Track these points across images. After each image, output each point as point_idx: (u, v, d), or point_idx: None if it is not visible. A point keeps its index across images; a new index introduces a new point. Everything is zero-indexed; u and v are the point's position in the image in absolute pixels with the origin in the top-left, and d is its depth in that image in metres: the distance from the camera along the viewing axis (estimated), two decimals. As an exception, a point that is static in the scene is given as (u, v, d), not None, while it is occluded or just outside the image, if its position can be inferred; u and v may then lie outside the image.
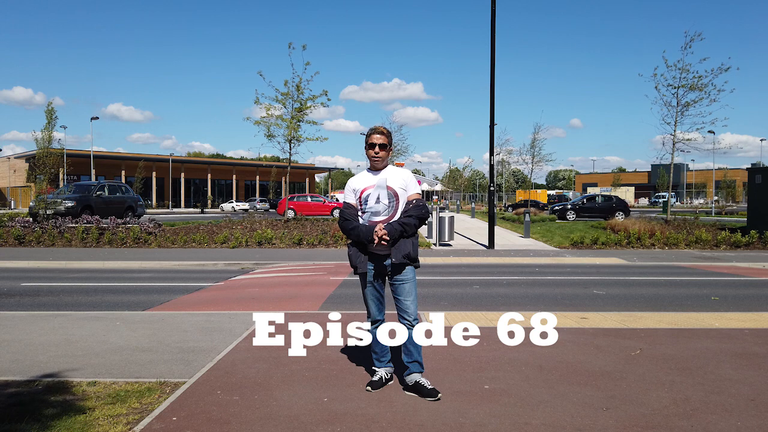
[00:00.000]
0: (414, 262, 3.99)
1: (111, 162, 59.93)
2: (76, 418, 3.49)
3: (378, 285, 4.05)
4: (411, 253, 3.93)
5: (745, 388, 4.10)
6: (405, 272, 3.98)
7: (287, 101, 20.54)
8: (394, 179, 3.99)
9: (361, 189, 4.01)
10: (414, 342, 3.92)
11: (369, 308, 4.10)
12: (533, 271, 11.87)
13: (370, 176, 4.04)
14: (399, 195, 3.97)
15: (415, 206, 3.95)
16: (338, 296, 8.49)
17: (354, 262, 4.02)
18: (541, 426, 3.40)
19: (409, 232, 3.90)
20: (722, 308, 7.55)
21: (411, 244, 3.94)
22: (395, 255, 3.90)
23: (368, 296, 4.06)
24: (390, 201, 3.94)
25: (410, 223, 3.89)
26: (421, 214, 3.94)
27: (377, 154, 3.99)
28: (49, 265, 12.71)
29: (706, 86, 20.05)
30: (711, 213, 41.14)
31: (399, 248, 3.90)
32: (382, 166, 4.04)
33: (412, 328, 3.92)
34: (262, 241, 16.77)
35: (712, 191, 63.38)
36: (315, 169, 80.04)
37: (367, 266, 3.99)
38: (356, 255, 4.01)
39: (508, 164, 48.98)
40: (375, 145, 3.99)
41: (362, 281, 4.08)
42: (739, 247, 16.46)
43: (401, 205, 3.97)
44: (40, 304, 7.90)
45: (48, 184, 20.10)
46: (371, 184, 3.98)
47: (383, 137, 4.01)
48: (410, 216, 3.91)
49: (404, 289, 3.97)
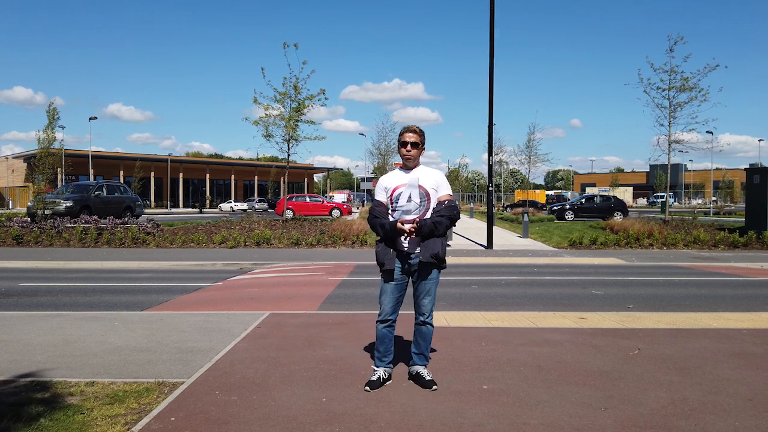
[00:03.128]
0: (441, 263, 4.01)
1: (109, 162, 59.86)
2: (74, 418, 3.49)
3: (401, 284, 4.07)
4: (440, 253, 3.95)
5: (743, 388, 4.11)
6: (432, 273, 4.02)
7: (285, 101, 20.55)
8: (426, 179, 4.01)
9: (393, 187, 4.02)
10: (426, 337, 4.13)
11: (384, 306, 4.08)
12: (532, 271, 11.88)
13: (402, 175, 4.06)
14: (430, 195, 3.99)
15: (447, 207, 3.98)
16: (337, 296, 8.48)
17: (381, 258, 4.02)
18: (539, 426, 3.40)
19: (440, 231, 3.93)
20: (720, 308, 7.55)
21: (440, 244, 3.96)
22: (423, 254, 3.92)
23: (388, 294, 4.05)
24: (421, 200, 3.96)
25: (442, 222, 3.92)
26: (453, 215, 3.97)
27: (409, 152, 4.00)
28: (47, 265, 12.68)
29: (694, 87, 20.15)
30: (709, 213, 41.21)
31: (428, 247, 3.92)
32: (414, 165, 4.06)
33: (425, 325, 4.10)
34: (261, 241, 16.76)
35: (711, 191, 63.50)
36: (313, 169, 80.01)
37: (395, 263, 3.99)
38: (384, 251, 4.02)
39: (506, 164, 49.04)
40: (407, 143, 4.01)
41: (385, 278, 4.07)
42: (737, 247, 16.48)
43: (432, 204, 3.99)
44: (39, 304, 7.88)
45: (46, 184, 20.07)
46: (403, 183, 4.00)
47: (415, 135, 4.02)
48: (442, 216, 3.93)
49: (426, 287, 4.04)
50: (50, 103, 19.03)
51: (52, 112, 18.80)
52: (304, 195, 41.94)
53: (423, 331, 4.11)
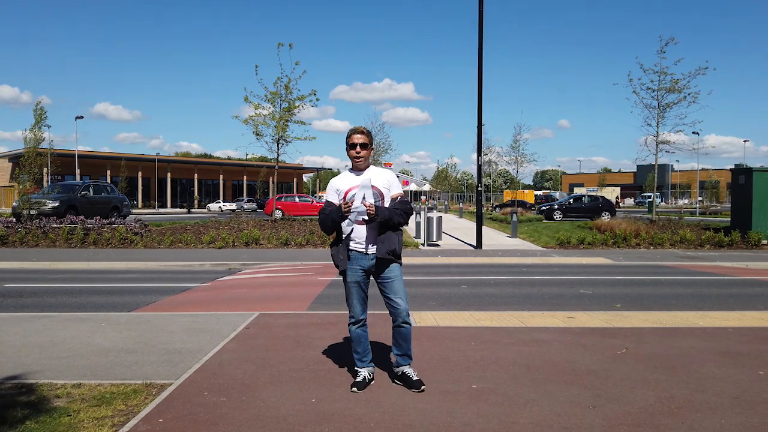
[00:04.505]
0: (398, 259, 4.02)
1: (96, 162, 59.26)
2: (61, 420, 3.45)
3: (363, 284, 4.06)
4: (396, 249, 3.96)
5: (729, 386, 4.15)
6: (391, 269, 4.00)
7: (276, 100, 20.48)
8: (378, 179, 4.01)
9: (346, 189, 4.00)
10: (406, 338, 4.06)
11: (352, 307, 4.10)
12: (520, 270, 11.93)
13: (353, 176, 4.04)
14: (384, 194, 3.99)
15: (401, 201, 4.00)
16: (326, 296, 8.47)
17: (336, 260, 4.03)
18: (528, 425, 3.42)
19: (396, 219, 3.91)
20: (706, 307, 7.63)
21: (396, 239, 3.98)
22: (380, 250, 3.92)
23: (353, 295, 4.07)
24: (375, 200, 3.95)
25: (398, 212, 3.91)
26: (407, 208, 3.98)
27: (359, 153, 3.99)
28: (32, 266, 12.54)
29: (684, 89, 20.36)
30: (695, 213, 41.65)
31: (384, 243, 3.92)
32: (365, 166, 4.06)
33: (404, 326, 4.03)
34: (250, 241, 16.69)
35: (697, 192, 64.07)
36: (303, 169, 79.80)
37: (352, 264, 3.99)
38: (338, 252, 4.02)
39: (496, 165, 49.21)
40: (356, 144, 3.99)
41: (345, 280, 4.08)
42: (722, 246, 16.66)
43: (386, 203, 4.00)
44: (24, 305, 7.79)
45: (32, 184, 19.85)
46: (356, 185, 3.98)
47: (364, 137, 4.01)
48: (397, 209, 3.94)
49: (393, 286, 4.00)
50: (37, 102, 18.85)
51: (40, 112, 18.62)
52: (293, 195, 41.82)
53: (402, 332, 4.04)
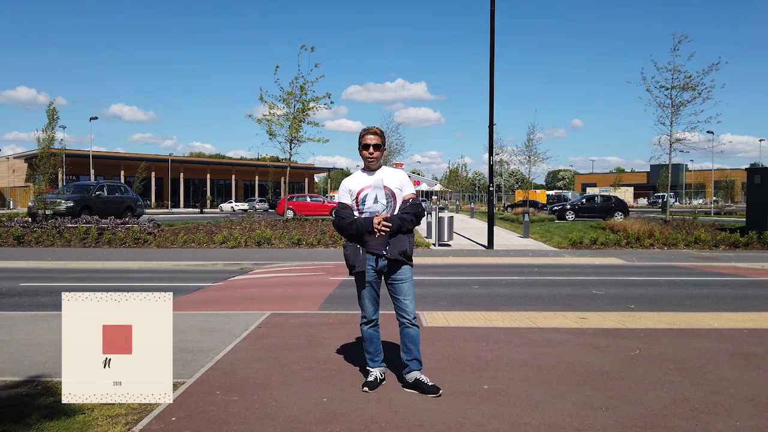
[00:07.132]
0: (409, 260, 4.02)
1: (110, 162, 59.83)
2: (75, 418, 3.49)
3: (375, 284, 4.06)
4: (407, 250, 3.96)
5: (744, 388, 4.10)
6: (402, 271, 3.99)
7: (291, 101, 20.55)
8: (390, 179, 4.01)
9: (358, 190, 4.00)
10: (414, 340, 4.01)
11: (365, 308, 4.09)
12: (532, 271, 11.87)
13: (365, 177, 4.05)
14: (396, 195, 3.99)
15: (412, 204, 3.99)
16: (337, 296, 8.48)
17: (351, 261, 4.01)
18: (540, 426, 3.40)
19: (407, 226, 3.92)
20: (721, 308, 7.55)
21: (407, 241, 3.97)
22: (391, 251, 3.91)
23: (365, 296, 4.07)
24: (388, 201, 3.96)
25: (408, 219, 3.92)
26: (418, 212, 3.98)
27: (371, 154, 3.99)
28: (48, 265, 12.69)
29: (698, 85, 20.15)
30: (710, 213, 41.16)
31: (395, 245, 3.92)
32: (377, 167, 4.06)
33: (411, 327, 3.99)
34: (261, 241, 16.76)
35: (711, 191, 63.38)
36: (314, 169, 79.96)
37: (366, 265, 3.98)
38: (354, 253, 4.01)
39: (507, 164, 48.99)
40: (369, 145, 3.99)
41: (358, 281, 4.08)
42: (738, 247, 16.46)
43: (398, 204, 3.99)
44: (39, 304, 7.89)
45: (47, 184, 20.08)
46: (368, 185, 3.99)
47: (377, 137, 4.01)
48: (407, 213, 3.93)
49: (403, 288, 3.99)
50: (50, 103, 19.05)
51: (52, 112, 18.81)
52: (304, 195, 41.94)
53: (411, 333, 3.99)
